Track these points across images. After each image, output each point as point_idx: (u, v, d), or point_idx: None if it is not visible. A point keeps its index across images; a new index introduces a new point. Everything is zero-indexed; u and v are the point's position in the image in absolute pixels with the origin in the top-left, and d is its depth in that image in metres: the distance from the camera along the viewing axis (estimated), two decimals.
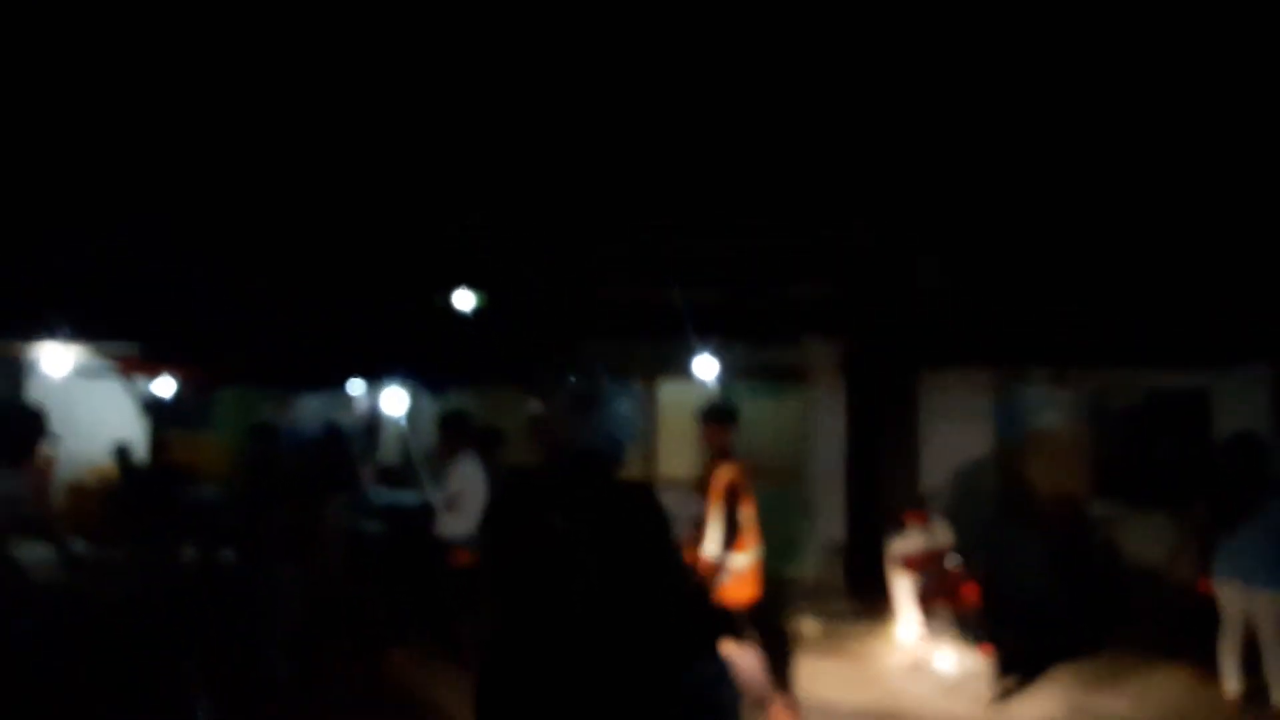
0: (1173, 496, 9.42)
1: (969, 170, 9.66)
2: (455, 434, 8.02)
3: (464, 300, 12.08)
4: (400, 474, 12.62)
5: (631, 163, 10.91)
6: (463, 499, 7.66)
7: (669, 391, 12.06)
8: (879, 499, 10.24)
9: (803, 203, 10.57)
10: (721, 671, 2.56)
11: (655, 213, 11.24)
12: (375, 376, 13.16)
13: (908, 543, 8.18)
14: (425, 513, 8.40)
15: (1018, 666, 7.22)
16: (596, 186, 11.31)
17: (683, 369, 11.20)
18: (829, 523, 10.81)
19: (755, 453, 10.88)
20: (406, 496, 11.14)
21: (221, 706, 5.96)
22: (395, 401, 13.33)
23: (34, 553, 11.89)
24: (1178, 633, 8.18)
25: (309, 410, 14.14)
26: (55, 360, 11.33)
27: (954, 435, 10.44)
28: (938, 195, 10.04)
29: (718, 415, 6.57)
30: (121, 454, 11.45)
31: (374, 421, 14.18)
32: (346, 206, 11.89)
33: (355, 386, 13.43)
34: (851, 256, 10.67)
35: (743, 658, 5.10)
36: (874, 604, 9.05)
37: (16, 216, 10.91)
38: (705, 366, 10.91)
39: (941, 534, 8.16)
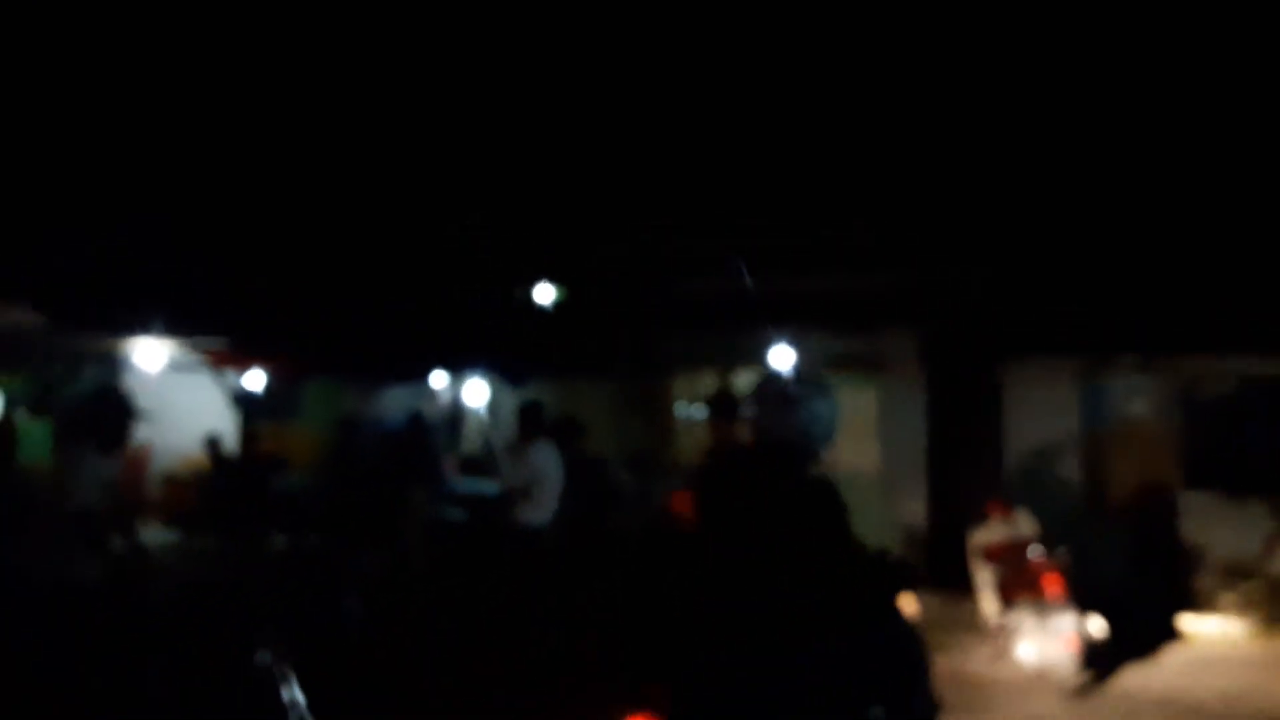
0: (1266, 486, 9.17)
1: (1051, 155, 9.47)
2: (532, 423, 8.13)
3: (544, 294, 12.21)
4: (482, 464, 12.80)
5: (709, 154, 10.91)
6: (538, 486, 7.76)
7: (744, 381, 12.05)
8: (961, 489, 10.10)
9: (882, 191, 10.47)
10: (908, 629, 2.91)
11: (732, 204, 11.23)
12: (458, 369, 13.39)
13: (990, 533, 8.07)
14: (506, 501, 8.53)
15: (1101, 658, 7.10)
16: (673, 179, 11.33)
17: (758, 359, 11.19)
18: (909, 513, 10.68)
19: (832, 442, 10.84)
20: (487, 485, 11.31)
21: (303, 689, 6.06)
22: (477, 393, 13.55)
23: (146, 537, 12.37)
24: (1270, 624, 7.99)
25: (393, 402, 14.44)
26: (149, 355, 11.72)
27: (1038, 426, 10.26)
28: (1019, 181, 9.86)
29: (722, 409, 6.02)
30: (213, 445, 11.81)
31: (456, 413, 14.42)
32: (430, 201, 12.09)
33: (438, 379, 13.67)
34: (930, 245, 10.54)
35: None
36: (957, 595, 8.94)
37: (109, 214, 11.30)
38: (781, 357, 10.89)
39: (1025, 524, 8.04)
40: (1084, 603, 7.29)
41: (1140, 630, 7.86)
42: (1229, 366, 10.09)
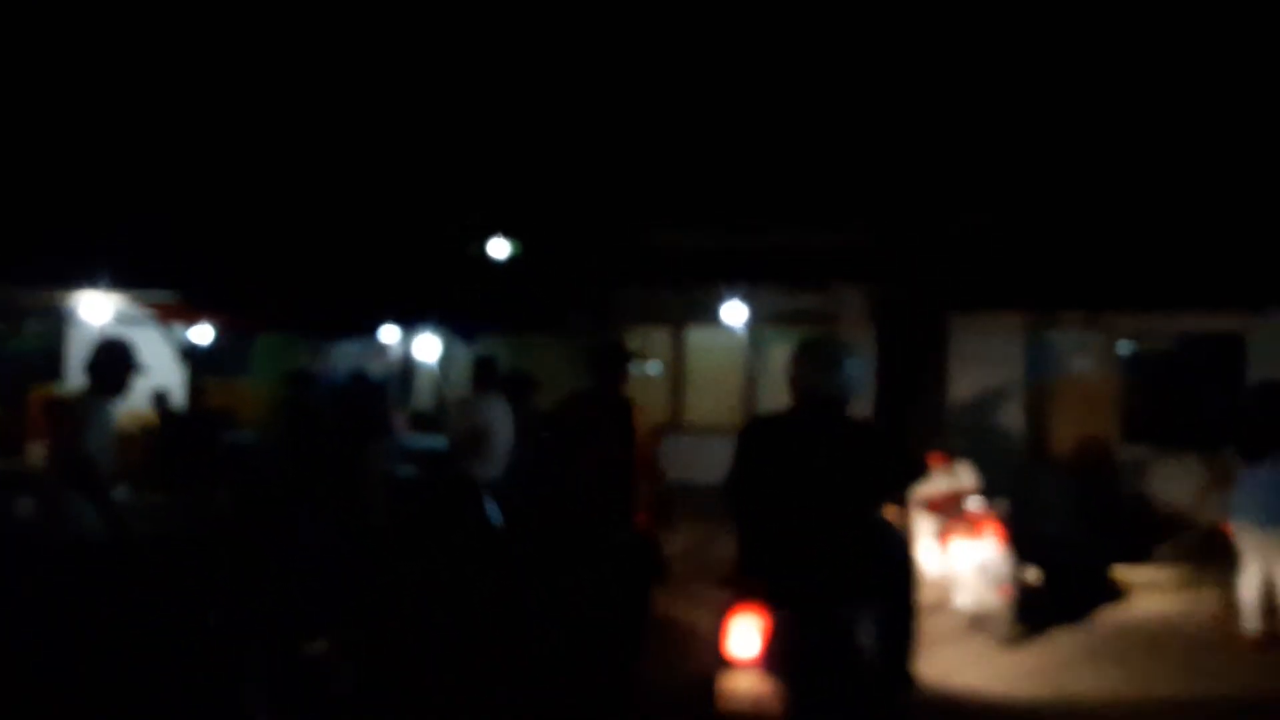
0: (1204, 440, 9.39)
1: (999, 114, 9.55)
2: (485, 377, 8.14)
3: (499, 248, 12.16)
4: (433, 419, 12.79)
5: (661, 111, 10.88)
6: (487, 440, 7.76)
7: (697, 337, 12.11)
8: (908, 440, 10.26)
9: (831, 148, 10.51)
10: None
11: (688, 161, 11.23)
12: (409, 323, 13.32)
13: (931, 485, 8.22)
14: (455, 455, 8.53)
15: (1037, 607, 7.28)
16: (630, 135, 11.29)
17: (711, 315, 11.25)
18: None
19: (781, 398, 10.93)
20: (439, 441, 11.32)
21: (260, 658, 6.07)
22: (428, 348, 13.51)
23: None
24: (1201, 574, 8.21)
25: (344, 357, 14.35)
26: (95, 308, 11.54)
27: (983, 379, 10.43)
28: (968, 139, 9.94)
29: (611, 362, 5.96)
30: (160, 400, 11.69)
31: (408, 368, 14.36)
32: (384, 155, 11.97)
33: (390, 333, 13.60)
34: (880, 201, 10.61)
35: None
36: None
37: (55, 167, 11.09)
38: (734, 313, 10.96)
39: (965, 476, 8.20)
40: (1022, 552, 7.46)
41: (1078, 579, 8.05)
42: (1169, 323, 10.30)
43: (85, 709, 5.17)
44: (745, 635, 3.76)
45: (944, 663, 6.45)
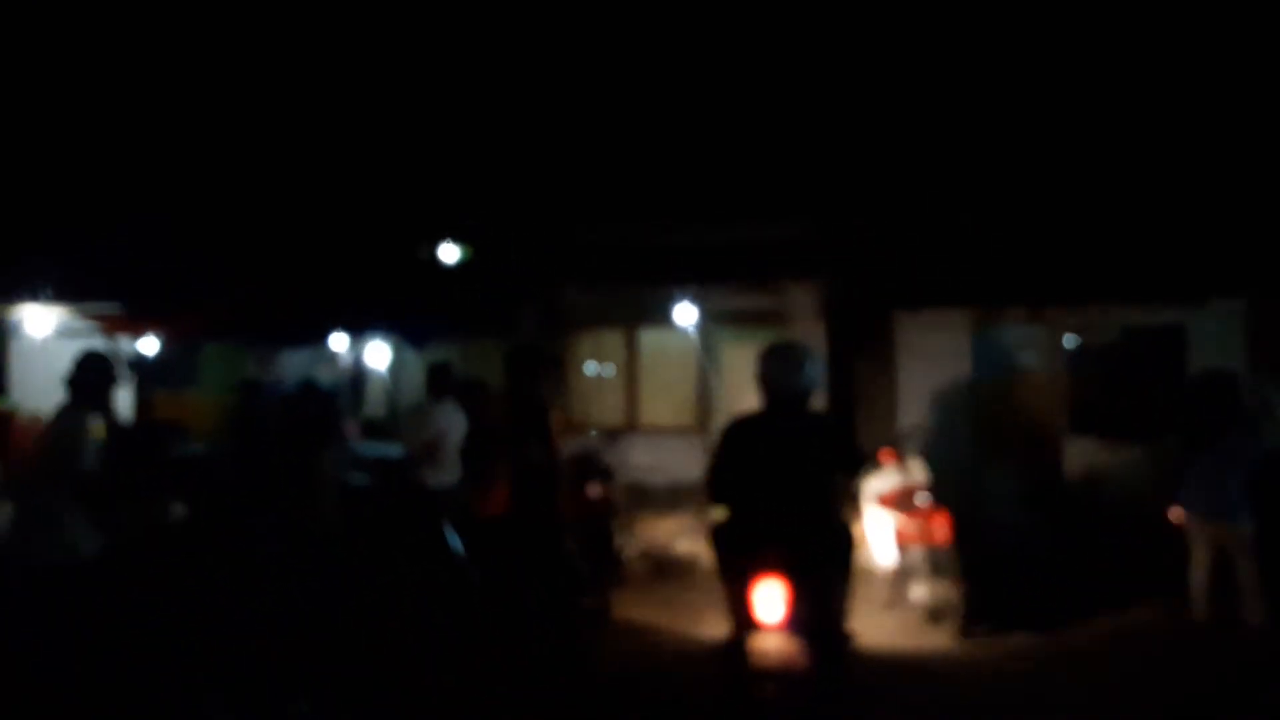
0: (1148, 432, 9.54)
1: (942, 112, 9.67)
2: (439, 384, 8.10)
3: (448, 254, 12.10)
4: (385, 427, 12.70)
5: (609, 111, 10.89)
6: (443, 446, 7.73)
7: (649, 339, 12.13)
8: (859, 438, 10.37)
9: (777, 144, 10.59)
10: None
11: (637, 162, 11.25)
12: (359, 330, 13.21)
13: (883, 481, 8.31)
14: (410, 464, 8.48)
15: (990, 600, 7.38)
16: (577, 136, 11.30)
17: (663, 316, 11.27)
18: None
19: (735, 397, 11.01)
20: (391, 449, 11.24)
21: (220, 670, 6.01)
22: (378, 355, 13.41)
23: None
24: (1151, 563, 8.35)
25: (293, 365, 14.20)
26: (38, 321, 11.35)
27: (930, 375, 10.54)
28: (911, 137, 10.06)
29: (524, 365, 6.41)
30: (106, 414, 11.50)
31: (358, 375, 14.25)
32: (330, 162, 11.87)
33: (339, 341, 13.48)
34: (827, 199, 10.72)
35: None
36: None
37: None
38: (685, 313, 10.99)
39: (916, 472, 8.31)
40: (974, 545, 7.57)
41: (1028, 571, 8.16)
42: (1115, 316, 10.47)
43: None
44: (770, 600, 4.24)
45: (902, 654, 6.54)
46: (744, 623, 4.35)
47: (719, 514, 4.66)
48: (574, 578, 6.18)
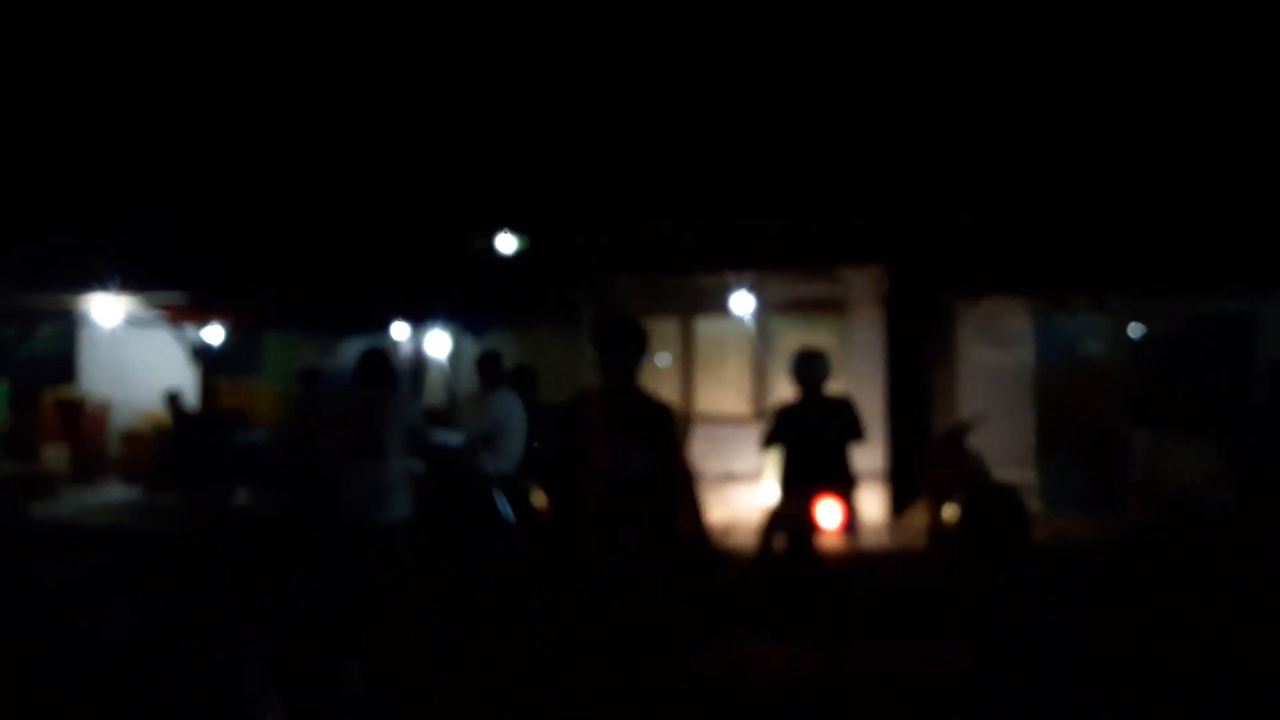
0: (1214, 422, 9.36)
1: (1006, 98, 9.54)
2: (491, 373, 8.11)
3: (506, 243, 12.17)
4: (444, 415, 12.82)
5: (666, 102, 10.87)
6: (500, 435, 7.77)
7: (706, 328, 12.10)
8: (921, 426, 10.31)
9: (839, 134, 10.50)
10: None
11: (695, 152, 11.23)
12: (419, 320, 13.34)
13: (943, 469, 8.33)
14: (469, 451, 8.55)
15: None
16: (635, 126, 11.30)
17: (720, 305, 11.25)
18: (868, 454, 10.86)
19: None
20: (450, 436, 11.36)
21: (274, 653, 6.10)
22: (438, 344, 13.53)
23: (101, 496, 12.34)
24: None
25: (354, 354, 14.34)
26: (106, 311, 11.60)
27: (993, 363, 10.42)
28: (975, 123, 9.92)
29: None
30: (173, 400, 11.74)
31: (418, 364, 14.38)
32: (390, 155, 11.99)
33: (399, 330, 13.62)
34: (888, 186, 10.61)
35: None
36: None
37: (65, 172, 11.14)
38: (742, 302, 10.95)
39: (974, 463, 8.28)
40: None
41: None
42: (1182, 304, 10.27)
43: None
44: (831, 513, 6.33)
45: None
46: (807, 529, 6.38)
47: (773, 456, 6.86)
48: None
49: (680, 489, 4.35)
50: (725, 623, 6.63)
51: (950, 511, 8.01)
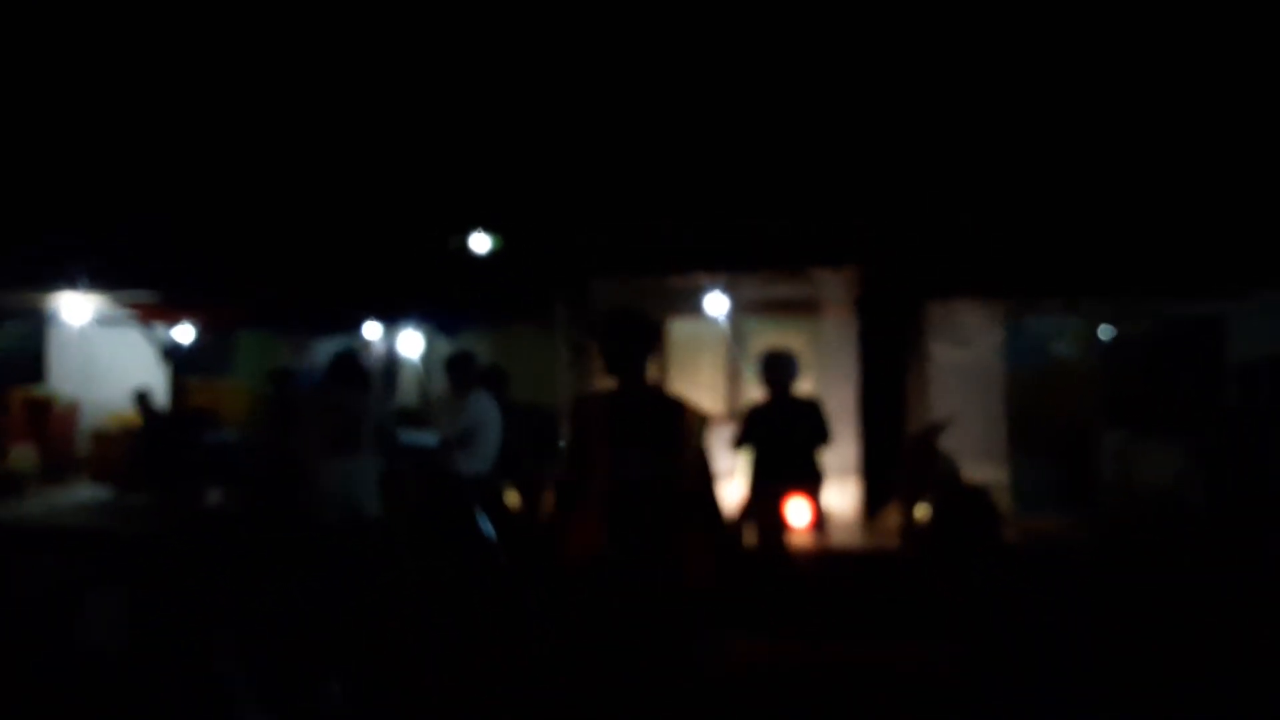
0: (1185, 424, 9.45)
1: (977, 98, 9.59)
2: (463, 374, 8.10)
3: (479, 243, 12.13)
4: (418, 415, 12.77)
5: (638, 100, 10.87)
6: (476, 436, 7.77)
7: (680, 329, 12.12)
8: (892, 428, 10.35)
9: (811, 135, 10.53)
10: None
11: (668, 151, 11.23)
12: (392, 319, 13.29)
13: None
14: (443, 452, 8.53)
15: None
16: (607, 127, 11.28)
17: (694, 306, 11.26)
18: (839, 454, 10.89)
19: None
20: (424, 437, 11.31)
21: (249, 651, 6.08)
22: (411, 344, 13.49)
23: (70, 496, 12.21)
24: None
25: (326, 354, 14.27)
26: (75, 309, 11.49)
27: (965, 364, 10.48)
28: (945, 125, 9.97)
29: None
30: (142, 399, 11.64)
31: (391, 364, 14.33)
32: (362, 153, 11.92)
33: (372, 330, 13.56)
34: (860, 187, 10.64)
35: None
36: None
37: (32, 168, 11.01)
38: (716, 303, 10.97)
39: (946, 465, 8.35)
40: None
41: None
42: (1152, 307, 10.36)
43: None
44: (800, 511, 6.52)
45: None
46: (776, 527, 6.58)
47: (744, 456, 6.96)
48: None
49: (692, 494, 3.91)
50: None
51: (922, 512, 8.07)
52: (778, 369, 6.74)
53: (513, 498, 8.67)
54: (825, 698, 5.56)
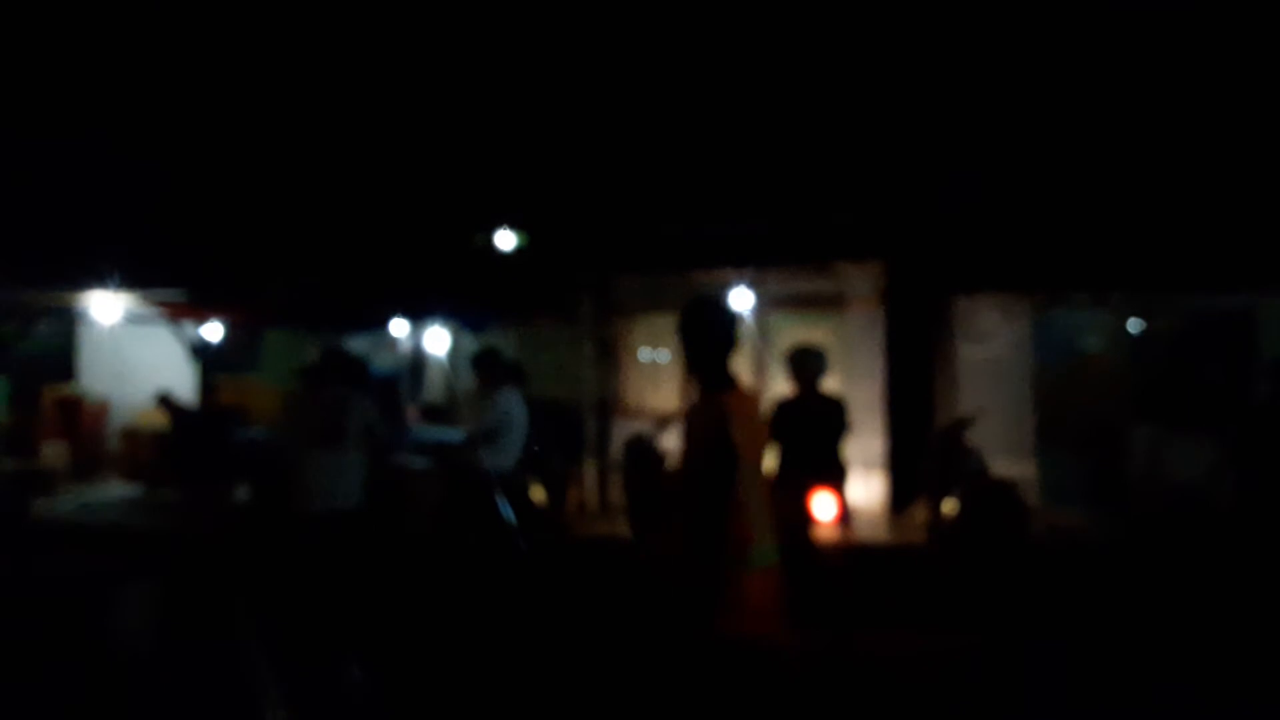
0: (1215, 418, 9.34)
1: (1005, 91, 9.53)
2: (490, 371, 8.16)
3: (506, 240, 12.16)
4: (445, 411, 12.82)
5: (664, 95, 10.87)
6: (500, 432, 7.81)
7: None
8: (919, 421, 10.31)
9: (836, 129, 10.49)
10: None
11: (694, 145, 11.21)
12: (418, 316, 13.35)
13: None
14: (468, 447, 8.57)
15: None
16: (631, 124, 11.29)
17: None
18: (866, 449, 10.85)
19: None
20: (451, 433, 11.36)
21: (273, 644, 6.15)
22: (438, 341, 13.54)
23: (101, 493, 12.34)
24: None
25: (353, 351, 14.35)
26: (105, 308, 11.60)
27: (993, 359, 10.41)
28: (974, 116, 9.91)
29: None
30: (165, 400, 11.76)
31: (418, 361, 14.39)
32: (388, 152, 11.98)
33: (399, 327, 13.63)
34: (886, 181, 10.60)
35: None
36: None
37: (63, 169, 11.13)
38: (740, 298, 10.95)
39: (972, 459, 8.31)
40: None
41: None
42: (1182, 301, 10.26)
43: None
44: (826, 505, 6.45)
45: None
46: (803, 521, 6.43)
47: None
48: None
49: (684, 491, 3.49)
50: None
51: (949, 506, 8.03)
52: (806, 364, 6.72)
53: (537, 493, 8.71)
54: (851, 689, 5.62)
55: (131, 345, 13.67)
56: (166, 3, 10.11)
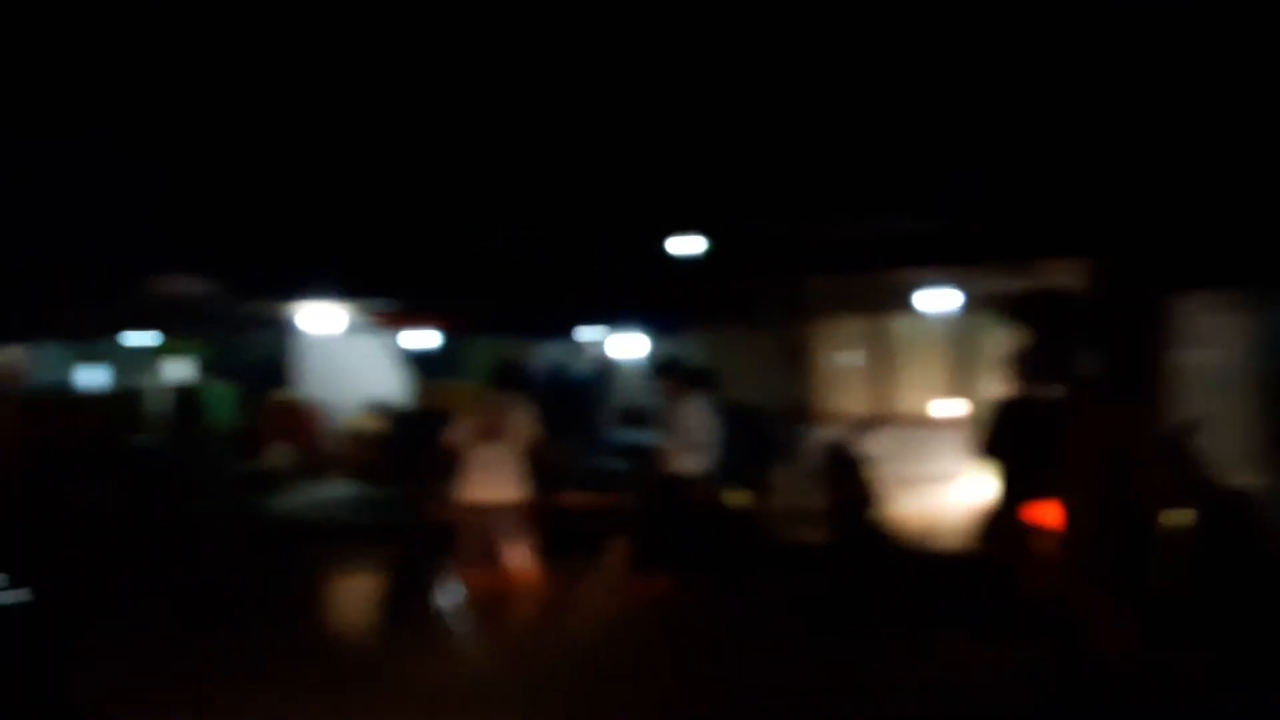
0: None
1: (1212, 78, 8.99)
2: (671, 378, 8.39)
3: (692, 245, 12.29)
4: (640, 414, 13.06)
5: (851, 92, 10.74)
6: (696, 437, 7.99)
7: (898, 325, 11.89)
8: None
9: (1042, 121, 10.12)
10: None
11: (883, 140, 11.03)
12: (610, 323, 13.65)
13: None
14: (659, 451, 8.73)
15: None
16: (822, 120, 11.19)
17: (910, 302, 11.03)
18: None
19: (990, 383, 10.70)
20: (645, 436, 11.57)
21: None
22: (631, 346, 13.82)
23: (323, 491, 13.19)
24: None
25: (550, 357, 14.84)
26: (323, 318, 12.36)
27: (1216, 362, 9.84)
28: (1191, 107, 9.39)
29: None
30: (381, 407, 12.47)
31: (612, 366, 14.71)
32: (579, 163, 12.27)
33: (595, 333, 13.98)
34: (1096, 175, 10.14)
35: None
36: None
37: (281, 188, 11.89)
38: (937, 299, 10.72)
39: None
40: None
41: None
42: None
43: None
44: (1049, 515, 5.95)
45: None
46: (1023, 531, 6.22)
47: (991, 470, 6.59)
48: None
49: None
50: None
51: (1179, 519, 7.58)
52: (1034, 364, 6.37)
53: (741, 497, 8.82)
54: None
55: (341, 352, 14.48)
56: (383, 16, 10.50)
